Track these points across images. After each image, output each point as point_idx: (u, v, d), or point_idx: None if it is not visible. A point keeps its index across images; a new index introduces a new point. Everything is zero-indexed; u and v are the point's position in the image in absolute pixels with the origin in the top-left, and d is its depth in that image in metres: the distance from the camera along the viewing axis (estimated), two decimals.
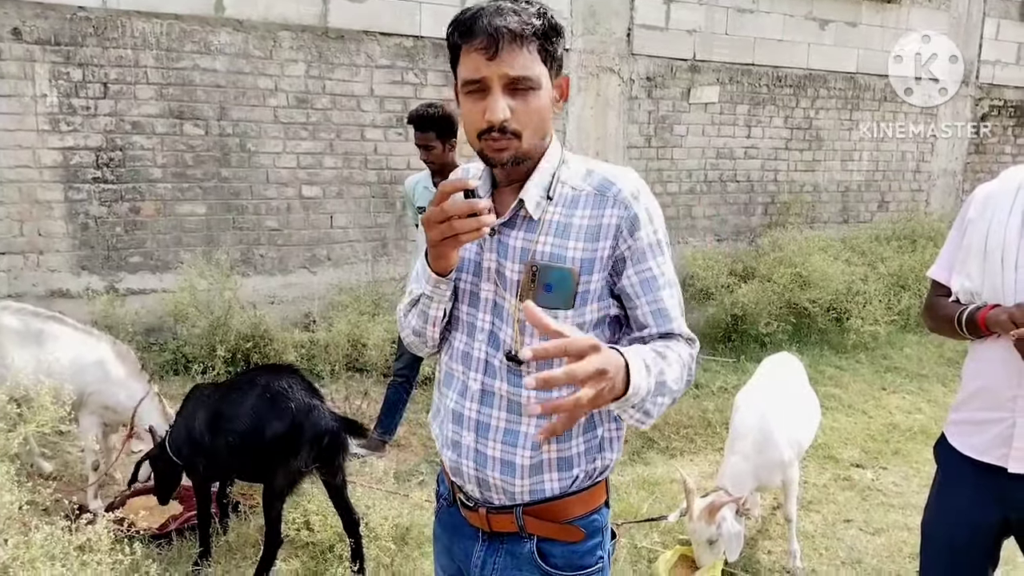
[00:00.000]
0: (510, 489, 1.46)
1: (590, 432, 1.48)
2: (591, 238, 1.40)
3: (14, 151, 5.15)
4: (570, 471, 1.47)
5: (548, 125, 1.44)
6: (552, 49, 1.40)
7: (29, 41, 5.09)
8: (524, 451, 1.44)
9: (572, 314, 1.41)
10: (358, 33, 6.07)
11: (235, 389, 3.12)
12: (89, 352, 3.58)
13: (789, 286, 6.52)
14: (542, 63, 1.39)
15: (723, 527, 3.03)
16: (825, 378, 5.86)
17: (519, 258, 1.43)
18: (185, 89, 5.56)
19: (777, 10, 8.13)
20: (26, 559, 2.39)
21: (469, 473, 1.50)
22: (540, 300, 1.38)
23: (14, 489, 2.62)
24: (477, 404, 1.48)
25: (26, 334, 3.58)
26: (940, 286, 2.11)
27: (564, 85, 1.47)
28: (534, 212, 1.43)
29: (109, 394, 3.55)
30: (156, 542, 3.27)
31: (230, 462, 3.08)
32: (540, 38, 1.37)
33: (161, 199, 5.61)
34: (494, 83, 1.35)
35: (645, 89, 7.58)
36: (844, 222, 9.04)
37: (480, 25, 1.35)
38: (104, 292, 5.38)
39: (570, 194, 1.44)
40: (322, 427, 2.92)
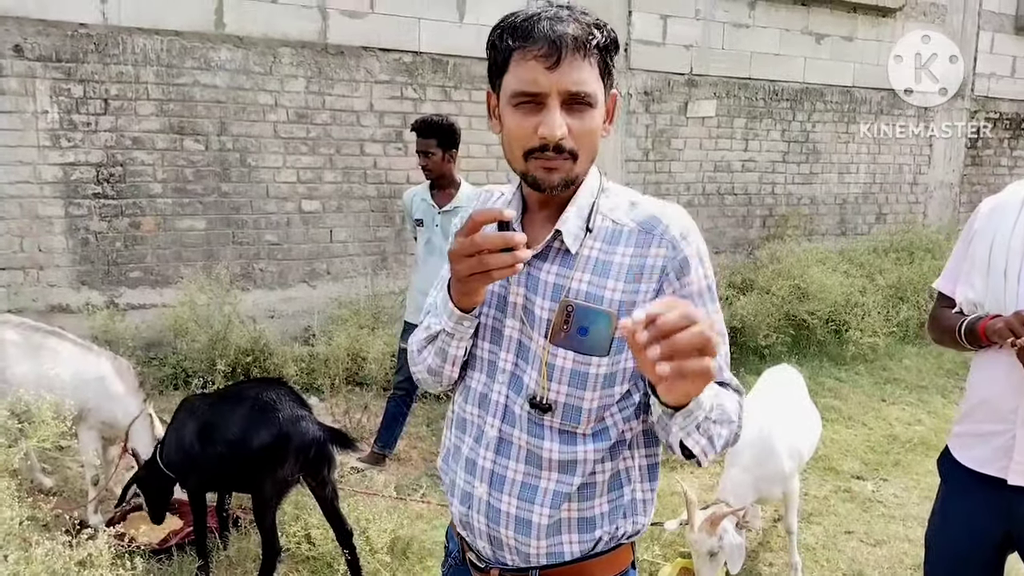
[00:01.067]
0: (524, 550, 1.32)
1: (616, 491, 1.34)
2: (632, 279, 1.26)
3: (15, 167, 5.17)
4: (592, 532, 1.33)
5: (598, 147, 1.30)
6: (611, 65, 1.27)
7: (30, 58, 5.12)
8: (542, 508, 1.30)
9: (607, 362, 1.27)
10: (357, 49, 6.11)
11: (224, 400, 3.16)
12: (90, 368, 3.58)
13: (788, 298, 6.53)
14: (600, 79, 1.25)
15: (724, 539, 3.03)
16: (825, 390, 5.86)
17: (551, 295, 1.29)
18: (185, 105, 5.59)
19: (773, 25, 8.19)
20: (27, 575, 2.39)
21: (480, 529, 1.36)
22: (573, 343, 1.20)
23: (15, 504, 2.62)
24: (493, 453, 1.34)
25: (26, 348, 3.58)
26: (945, 297, 2.12)
27: (612, 104, 1.32)
28: (572, 245, 1.29)
29: (107, 410, 3.55)
30: (156, 557, 3.27)
31: (219, 472, 3.09)
32: (601, 51, 1.24)
33: (161, 214, 5.62)
34: (552, 96, 1.21)
35: (643, 103, 7.63)
36: (842, 234, 9.07)
37: (540, 30, 1.20)
38: (104, 307, 5.39)
39: (611, 228, 1.30)
40: (308, 438, 2.94)
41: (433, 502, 3.93)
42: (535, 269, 1.31)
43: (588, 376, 1.27)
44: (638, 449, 1.36)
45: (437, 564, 3.27)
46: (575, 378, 1.27)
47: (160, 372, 5.21)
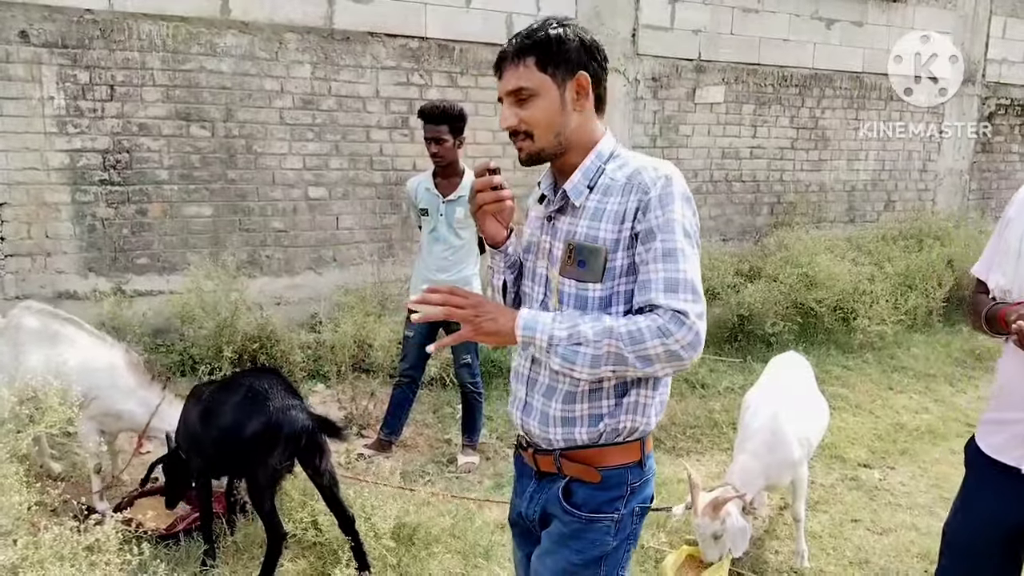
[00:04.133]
0: (546, 436, 1.69)
1: (621, 394, 1.64)
2: (618, 220, 1.59)
3: (21, 153, 5.17)
4: (597, 426, 1.64)
5: (562, 123, 1.64)
6: (550, 58, 1.61)
7: (36, 44, 5.11)
8: (557, 404, 1.66)
9: (601, 287, 1.61)
10: (363, 34, 6.08)
11: (223, 389, 3.23)
12: (100, 357, 3.59)
13: (795, 286, 6.50)
14: (541, 72, 1.62)
15: (728, 522, 3.03)
16: (832, 378, 5.84)
17: (564, 238, 1.66)
18: (191, 91, 5.58)
19: (783, 10, 8.12)
20: (35, 559, 2.41)
21: (519, 421, 1.77)
22: (574, 273, 1.63)
23: (23, 490, 2.63)
24: (530, 363, 1.74)
25: (43, 335, 3.60)
26: (981, 283, 2.12)
27: (580, 82, 1.64)
28: (576, 200, 1.65)
29: (114, 400, 3.56)
30: (164, 543, 3.28)
31: (215, 458, 3.16)
32: (537, 53, 1.61)
33: (168, 201, 5.62)
34: (505, 98, 1.67)
35: (650, 89, 7.58)
36: (850, 222, 9.02)
37: (498, 56, 1.69)
38: (111, 294, 5.40)
39: (608, 184, 1.64)
40: (298, 426, 2.99)
41: (439, 489, 3.94)
42: (557, 221, 1.70)
43: (588, 299, 1.62)
44: None
45: (443, 551, 3.28)
46: (579, 301, 1.63)
47: (167, 359, 5.23)
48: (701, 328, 1.51)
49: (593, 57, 1.66)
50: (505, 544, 3.39)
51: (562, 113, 1.63)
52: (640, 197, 1.57)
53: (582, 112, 1.66)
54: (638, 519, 1.73)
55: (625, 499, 1.69)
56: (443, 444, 4.59)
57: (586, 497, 1.68)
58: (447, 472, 4.22)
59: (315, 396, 5.09)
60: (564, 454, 1.69)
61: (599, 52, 1.68)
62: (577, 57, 1.63)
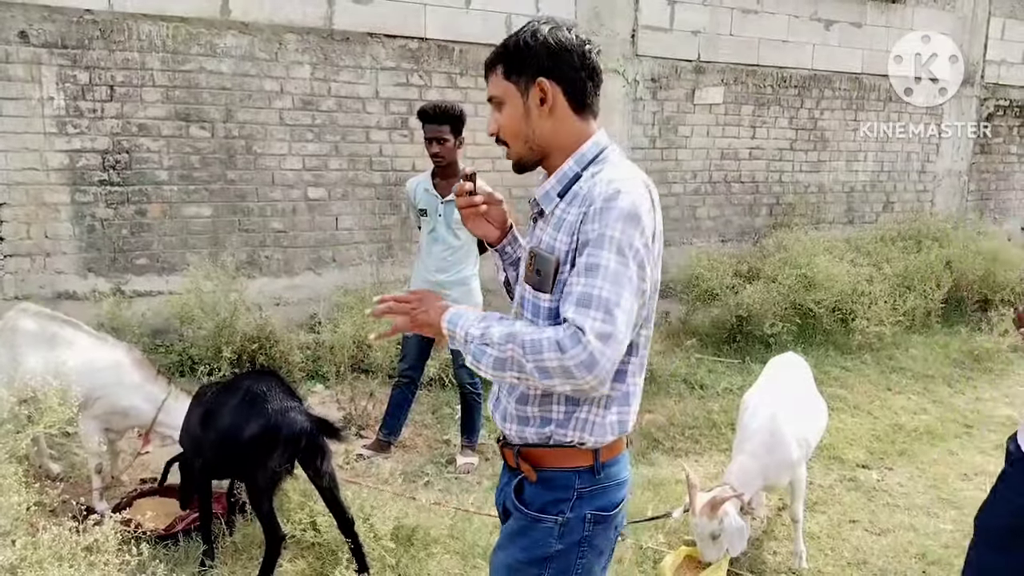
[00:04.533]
0: (506, 431, 1.74)
1: (573, 405, 1.63)
2: (570, 232, 1.58)
3: (21, 154, 5.17)
4: (545, 428, 1.66)
5: (526, 131, 1.66)
6: (513, 65, 1.64)
7: (36, 44, 5.12)
8: (514, 402, 1.70)
9: (550, 298, 1.61)
10: (363, 35, 6.08)
11: (225, 391, 3.23)
12: (102, 356, 3.60)
13: (794, 287, 6.51)
14: (507, 80, 1.65)
15: (726, 522, 3.03)
16: (831, 379, 5.85)
17: (530, 244, 1.71)
18: (191, 91, 5.58)
19: (782, 11, 8.13)
20: (34, 560, 2.41)
21: (492, 413, 1.82)
22: (533, 281, 1.64)
23: (22, 490, 2.63)
24: None
25: (42, 338, 3.60)
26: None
27: (540, 89, 1.62)
28: (546, 207, 1.68)
29: (119, 397, 3.56)
30: (163, 543, 3.29)
31: (215, 459, 3.16)
32: (503, 60, 1.65)
33: (167, 201, 5.62)
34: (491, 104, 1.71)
35: (650, 90, 7.58)
36: (849, 223, 9.03)
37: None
38: (111, 294, 5.40)
39: (576, 192, 1.62)
40: (297, 428, 3.00)
41: (438, 490, 3.94)
42: (536, 226, 1.71)
43: (540, 308, 1.63)
44: None
45: (442, 551, 3.28)
46: (534, 309, 1.65)
47: (166, 359, 5.23)
48: (599, 350, 1.43)
49: (561, 61, 1.61)
50: None
51: (526, 120, 1.64)
52: (585, 209, 1.55)
53: (552, 117, 1.63)
54: (594, 527, 1.66)
55: (571, 503, 1.65)
56: (442, 445, 4.59)
57: (533, 495, 1.69)
58: (446, 473, 4.22)
59: (314, 397, 5.09)
60: (520, 451, 1.71)
61: (571, 55, 1.62)
62: (538, 63, 1.61)
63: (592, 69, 1.66)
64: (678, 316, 6.91)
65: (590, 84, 1.66)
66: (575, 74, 1.63)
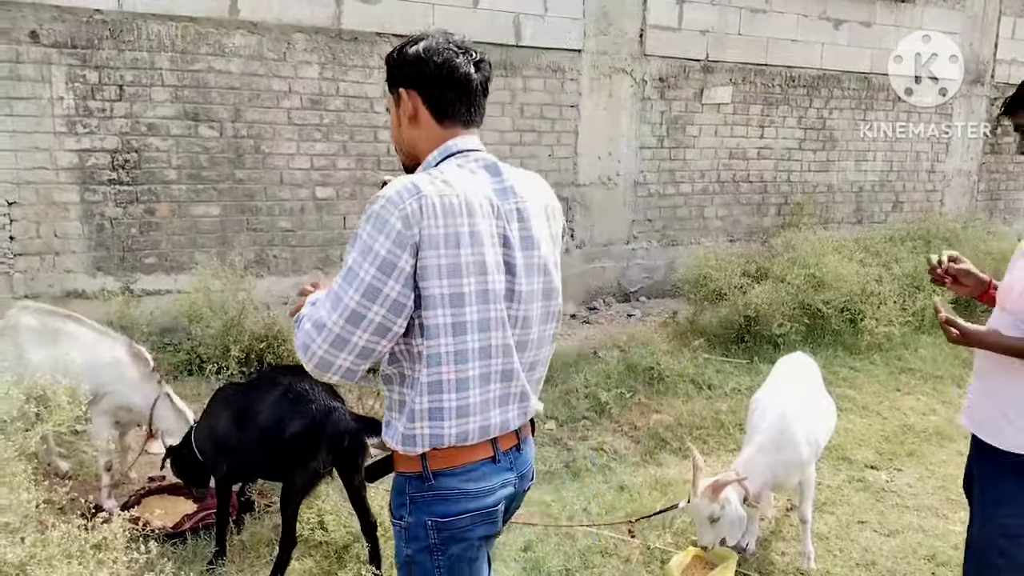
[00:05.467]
0: None
1: (389, 413, 1.70)
2: None
3: (31, 153, 5.20)
4: (388, 429, 1.69)
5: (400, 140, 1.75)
6: (389, 77, 1.72)
7: (46, 44, 5.14)
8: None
9: None
10: (371, 35, 6.09)
11: (257, 388, 3.14)
12: (105, 352, 3.61)
13: (803, 287, 6.47)
14: (388, 91, 1.74)
15: (727, 509, 3.01)
16: (839, 379, 5.82)
17: None
18: (200, 91, 5.60)
19: (791, 10, 8.10)
20: (43, 557, 2.42)
21: None
22: None
23: (31, 488, 2.64)
24: None
25: (43, 333, 3.61)
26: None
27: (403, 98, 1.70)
28: None
29: (123, 394, 3.58)
30: (171, 541, 3.29)
31: (252, 461, 3.10)
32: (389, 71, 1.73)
33: (176, 200, 5.64)
34: None
35: (658, 90, 7.57)
36: (858, 223, 8.99)
37: None
38: (119, 293, 5.42)
39: None
40: (341, 428, 2.93)
41: None
42: None
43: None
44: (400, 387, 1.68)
45: None
46: None
47: (174, 358, 5.25)
48: (311, 337, 1.54)
49: (420, 72, 1.65)
50: (510, 544, 3.39)
51: (399, 128, 1.74)
52: None
53: (417, 126, 1.69)
54: (439, 535, 1.65)
55: (408, 508, 1.66)
56: None
57: (391, 498, 1.75)
58: None
59: None
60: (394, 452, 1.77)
61: (429, 66, 1.64)
62: (402, 74, 1.68)
63: (455, 80, 1.66)
64: (686, 316, 6.89)
65: (451, 94, 1.67)
66: (433, 85, 1.66)
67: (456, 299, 1.57)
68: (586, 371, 5.54)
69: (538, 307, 1.72)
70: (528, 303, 1.69)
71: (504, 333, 1.64)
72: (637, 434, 4.73)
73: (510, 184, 1.69)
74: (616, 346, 6.28)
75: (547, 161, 7.11)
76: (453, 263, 1.55)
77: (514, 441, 1.76)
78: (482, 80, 1.71)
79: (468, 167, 1.67)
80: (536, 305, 1.71)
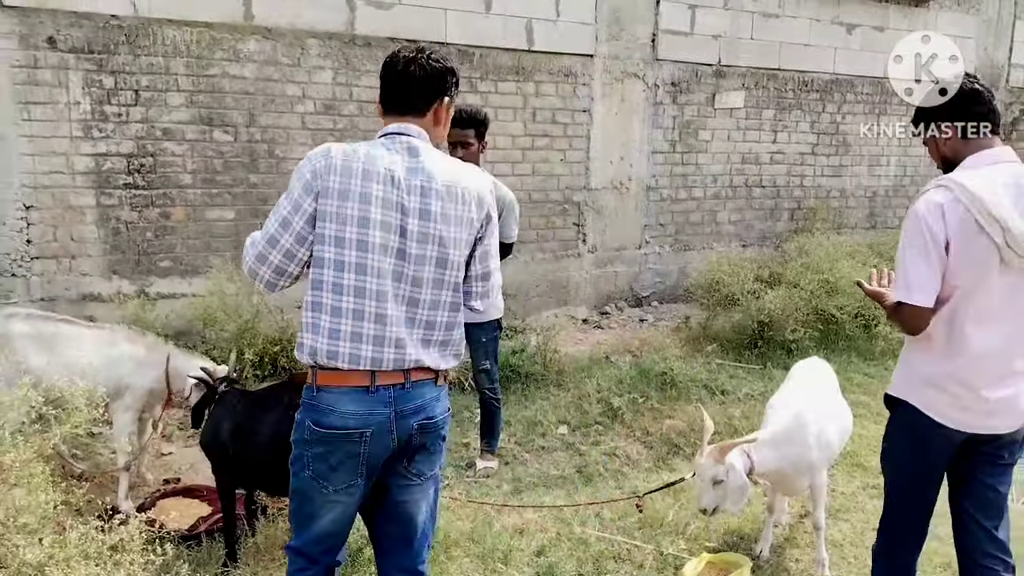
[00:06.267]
0: None
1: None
2: None
3: (48, 157, 5.25)
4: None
5: None
6: None
7: (63, 49, 5.19)
8: None
9: None
10: (385, 40, 6.12)
11: (258, 404, 3.11)
12: (114, 346, 3.65)
13: (816, 292, 6.45)
14: None
15: (731, 475, 3.00)
16: (853, 385, 5.79)
17: None
18: (215, 96, 5.64)
19: (803, 15, 8.09)
20: (61, 558, 2.43)
21: None
22: None
23: (49, 489, 2.66)
24: None
25: (39, 339, 3.59)
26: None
27: None
28: None
29: (144, 378, 3.63)
30: (186, 543, 3.31)
31: (250, 474, 3.10)
32: None
33: (191, 204, 5.68)
34: None
35: (670, 94, 7.57)
36: (872, 228, 8.95)
37: None
38: (135, 296, 5.46)
39: None
40: None
41: (458, 493, 3.95)
42: None
43: None
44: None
45: (462, 554, 3.29)
46: None
47: None
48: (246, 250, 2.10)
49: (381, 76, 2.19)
50: (523, 549, 3.39)
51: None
52: None
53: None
54: (313, 435, 2.04)
55: (303, 407, 2.09)
56: (462, 448, 4.60)
57: None
58: (466, 476, 4.23)
59: None
60: None
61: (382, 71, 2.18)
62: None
63: (390, 78, 2.16)
64: (698, 321, 6.88)
65: (388, 91, 2.17)
66: (382, 85, 2.18)
67: (339, 241, 1.98)
68: (598, 376, 5.53)
69: (430, 271, 2.05)
70: (419, 265, 2.04)
71: (381, 282, 2.00)
72: (650, 440, 4.72)
73: (423, 166, 2.06)
74: (628, 351, 6.27)
75: (559, 166, 7.12)
76: (340, 212, 1.98)
77: (398, 380, 2.05)
78: (416, 74, 2.12)
79: (390, 146, 2.09)
80: (428, 269, 2.05)
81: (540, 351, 5.67)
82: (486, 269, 2.21)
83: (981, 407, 2.32)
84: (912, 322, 2.34)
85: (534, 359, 5.59)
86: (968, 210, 2.22)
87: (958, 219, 2.24)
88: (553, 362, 5.65)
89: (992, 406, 2.32)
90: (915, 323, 2.33)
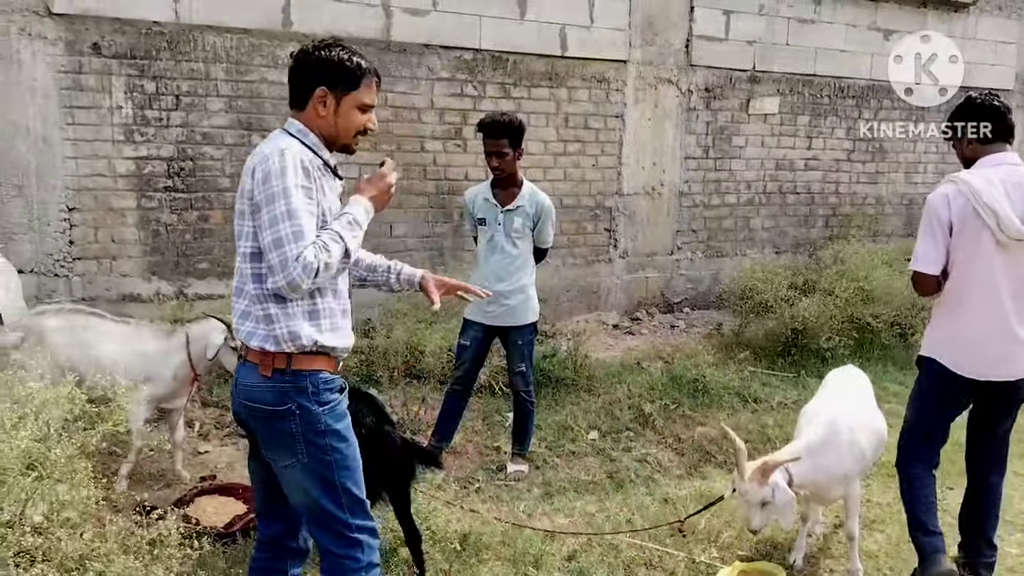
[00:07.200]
0: None
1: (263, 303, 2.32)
2: None
3: (91, 160, 5.37)
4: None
5: None
6: None
7: (107, 55, 5.31)
8: None
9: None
10: (419, 47, 6.17)
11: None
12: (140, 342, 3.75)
13: (851, 300, 6.37)
14: None
15: (777, 493, 2.96)
16: (889, 395, 5.71)
17: None
18: (253, 102, 5.73)
19: (840, 20, 8.01)
20: (102, 552, 2.49)
21: None
22: None
23: (91, 485, 2.72)
24: None
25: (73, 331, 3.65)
26: None
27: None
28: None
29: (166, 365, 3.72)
30: (222, 541, 3.36)
31: None
32: None
33: (229, 208, 5.76)
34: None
35: (703, 100, 7.54)
36: (909, 236, 8.80)
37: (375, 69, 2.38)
38: (173, 297, 5.56)
39: None
40: (390, 455, 2.94)
41: (489, 497, 3.96)
42: None
43: None
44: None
45: (493, 558, 3.30)
46: None
47: None
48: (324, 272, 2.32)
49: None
50: (555, 553, 3.40)
51: None
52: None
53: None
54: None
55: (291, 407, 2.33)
56: (492, 451, 4.61)
57: None
58: (496, 480, 4.24)
59: None
60: None
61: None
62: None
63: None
64: (731, 328, 6.83)
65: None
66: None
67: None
68: (629, 382, 5.52)
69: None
70: (237, 240, 2.38)
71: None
72: (681, 447, 4.70)
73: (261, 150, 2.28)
74: (660, 357, 6.25)
75: (591, 171, 7.12)
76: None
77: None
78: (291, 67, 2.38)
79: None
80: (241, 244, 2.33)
81: (571, 356, 5.67)
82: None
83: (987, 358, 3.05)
84: (921, 286, 3.11)
85: (564, 364, 5.59)
86: (968, 200, 2.90)
87: (960, 207, 2.93)
88: (584, 367, 5.64)
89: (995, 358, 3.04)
90: (924, 287, 3.11)
